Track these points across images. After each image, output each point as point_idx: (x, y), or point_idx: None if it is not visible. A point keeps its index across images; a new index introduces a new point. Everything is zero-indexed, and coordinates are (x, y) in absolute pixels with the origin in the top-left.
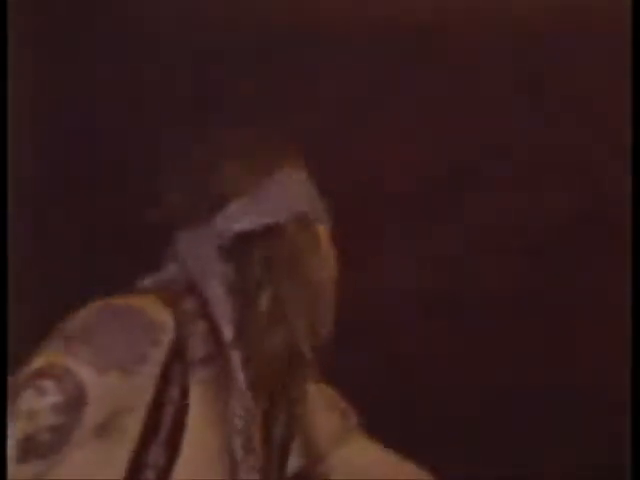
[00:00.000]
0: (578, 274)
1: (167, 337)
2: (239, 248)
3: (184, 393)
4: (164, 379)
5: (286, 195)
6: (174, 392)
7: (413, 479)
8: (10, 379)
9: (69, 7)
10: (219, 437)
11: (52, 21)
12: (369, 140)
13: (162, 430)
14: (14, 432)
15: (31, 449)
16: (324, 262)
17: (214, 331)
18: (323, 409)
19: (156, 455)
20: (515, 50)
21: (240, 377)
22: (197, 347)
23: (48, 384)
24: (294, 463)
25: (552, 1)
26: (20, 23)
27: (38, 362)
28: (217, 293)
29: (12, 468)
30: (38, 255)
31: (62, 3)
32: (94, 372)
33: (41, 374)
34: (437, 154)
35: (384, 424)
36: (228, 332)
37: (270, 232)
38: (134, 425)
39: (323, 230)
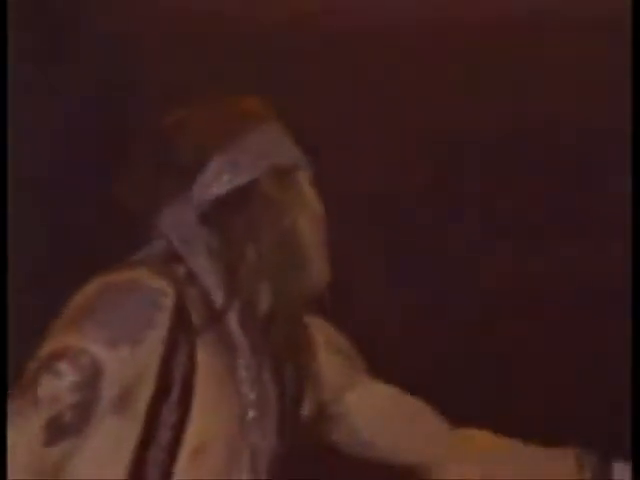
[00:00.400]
0: None
1: (170, 301)
2: (219, 212)
3: (191, 355)
4: (171, 343)
5: (258, 150)
6: (181, 355)
7: (427, 417)
8: (27, 365)
9: (68, 8)
10: (228, 394)
11: (52, 21)
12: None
13: (173, 391)
14: (38, 418)
15: (57, 430)
16: (307, 209)
17: (206, 298)
18: (328, 353)
19: (168, 415)
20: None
21: (240, 338)
22: (196, 312)
23: (63, 366)
24: (305, 410)
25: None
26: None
27: (50, 345)
28: (202, 263)
29: (40, 451)
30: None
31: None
32: (105, 348)
33: (55, 357)
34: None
35: None
36: (218, 298)
37: (247, 190)
38: (146, 391)
39: (303, 175)
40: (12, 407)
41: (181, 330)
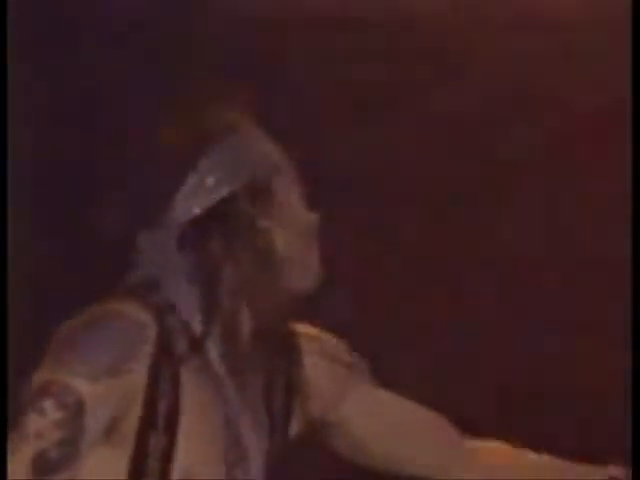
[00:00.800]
0: None
1: (152, 333)
2: (196, 235)
3: (175, 384)
4: (154, 374)
5: (231, 162)
6: (165, 385)
7: (429, 423)
8: (12, 402)
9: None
10: (215, 422)
11: (51, 22)
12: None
13: (158, 421)
14: (24, 455)
15: (44, 467)
16: (285, 218)
17: (186, 325)
18: (322, 362)
19: (155, 445)
20: None
21: (220, 367)
22: (178, 341)
23: (47, 403)
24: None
25: None
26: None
27: (36, 381)
28: (181, 290)
29: None
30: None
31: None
32: (88, 382)
33: (40, 394)
34: None
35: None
36: (197, 326)
37: (223, 209)
38: (133, 423)
39: (283, 181)
40: (9, 440)
41: (164, 361)
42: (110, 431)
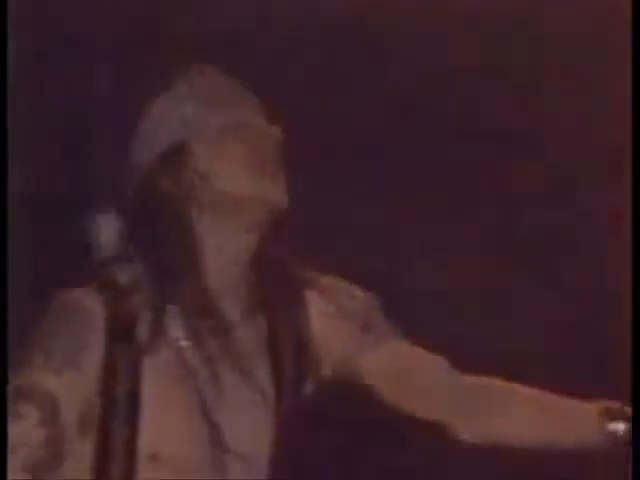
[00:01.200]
0: None
1: (101, 321)
2: (136, 217)
3: (134, 369)
4: (110, 362)
5: (148, 131)
6: (124, 371)
7: (445, 373)
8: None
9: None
10: (185, 407)
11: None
12: None
13: (119, 407)
14: (16, 463)
15: (37, 470)
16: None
17: (150, 307)
18: (336, 320)
19: (119, 430)
20: None
21: (192, 358)
22: (140, 325)
23: (23, 408)
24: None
25: None
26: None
27: (13, 383)
28: (137, 268)
29: None
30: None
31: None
32: (55, 376)
33: (16, 398)
34: None
35: None
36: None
37: (146, 185)
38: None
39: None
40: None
41: (120, 349)
42: (84, 422)
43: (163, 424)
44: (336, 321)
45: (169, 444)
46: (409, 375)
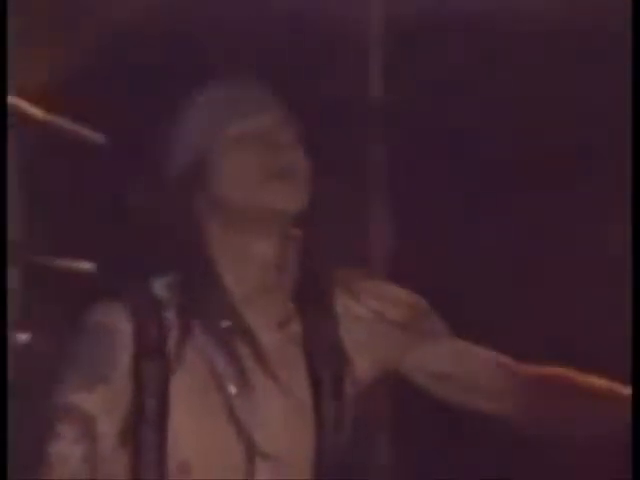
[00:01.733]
0: None
1: (128, 339)
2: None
3: (163, 383)
4: (139, 376)
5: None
6: (152, 384)
7: (494, 370)
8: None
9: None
10: (213, 416)
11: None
12: None
13: (149, 418)
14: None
15: None
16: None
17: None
18: (377, 324)
19: (149, 437)
20: None
21: (224, 370)
22: (171, 336)
23: (61, 427)
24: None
25: None
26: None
27: (46, 409)
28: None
29: None
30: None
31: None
32: (88, 394)
33: (53, 419)
34: None
35: None
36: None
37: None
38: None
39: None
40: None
41: (150, 362)
42: (125, 432)
43: (194, 433)
44: (375, 324)
45: (200, 453)
46: (466, 373)
